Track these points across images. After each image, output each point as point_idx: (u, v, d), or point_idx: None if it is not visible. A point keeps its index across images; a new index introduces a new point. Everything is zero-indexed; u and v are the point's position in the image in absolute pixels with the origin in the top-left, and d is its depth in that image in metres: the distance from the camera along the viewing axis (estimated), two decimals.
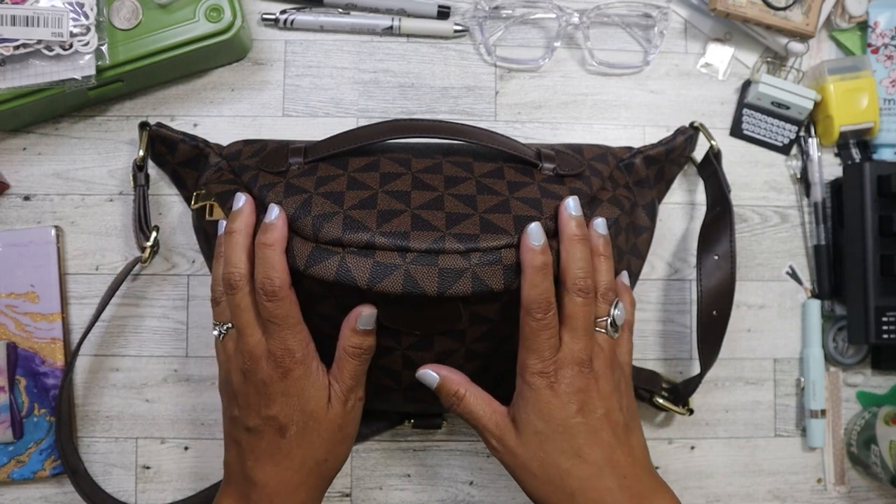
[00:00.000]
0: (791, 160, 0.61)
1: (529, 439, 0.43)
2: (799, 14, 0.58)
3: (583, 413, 0.42)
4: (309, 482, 0.44)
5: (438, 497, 0.57)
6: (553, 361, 0.42)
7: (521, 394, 0.43)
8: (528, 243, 0.42)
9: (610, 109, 0.60)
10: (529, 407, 0.42)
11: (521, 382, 0.43)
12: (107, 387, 0.56)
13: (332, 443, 0.44)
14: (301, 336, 0.43)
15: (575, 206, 0.44)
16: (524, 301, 0.42)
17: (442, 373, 0.45)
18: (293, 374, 0.43)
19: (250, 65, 0.58)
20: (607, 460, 0.42)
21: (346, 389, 0.44)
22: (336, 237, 0.42)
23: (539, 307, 0.42)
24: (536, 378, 0.42)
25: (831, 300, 0.60)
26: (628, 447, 0.44)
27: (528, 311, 0.42)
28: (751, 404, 0.60)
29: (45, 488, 0.55)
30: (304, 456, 0.44)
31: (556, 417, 0.42)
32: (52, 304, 0.55)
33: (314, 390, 0.43)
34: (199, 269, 0.57)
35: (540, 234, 0.42)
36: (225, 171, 0.51)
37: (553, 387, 0.42)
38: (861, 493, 0.60)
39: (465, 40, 0.59)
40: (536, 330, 0.42)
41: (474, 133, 0.49)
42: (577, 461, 0.42)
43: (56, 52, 0.49)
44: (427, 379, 0.45)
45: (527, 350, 0.43)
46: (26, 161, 0.56)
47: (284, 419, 0.43)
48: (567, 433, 0.42)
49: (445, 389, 0.45)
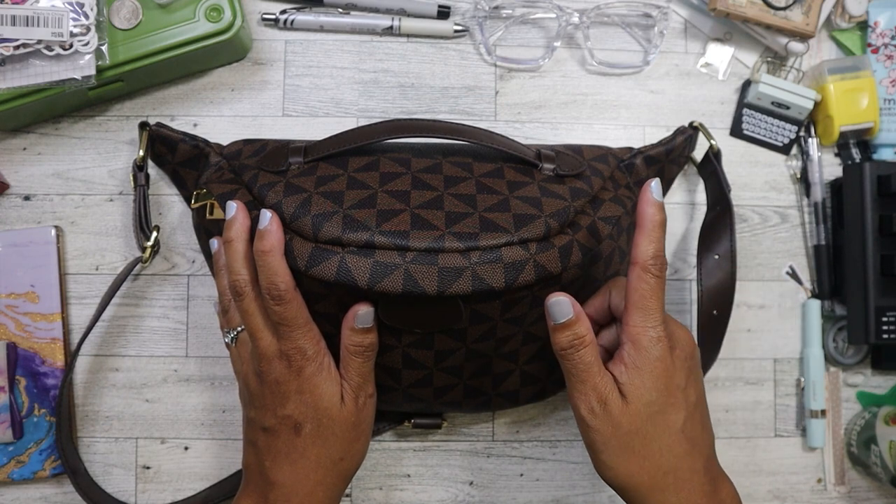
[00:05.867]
0: (791, 160, 0.61)
1: (639, 409, 0.40)
2: (799, 14, 0.58)
3: (689, 386, 0.41)
4: (326, 482, 0.44)
5: (438, 497, 0.57)
6: (668, 325, 0.41)
7: (635, 362, 0.40)
8: (652, 197, 0.41)
9: (610, 109, 0.60)
10: (646, 375, 0.40)
11: (635, 348, 0.40)
12: (107, 387, 0.56)
13: (346, 441, 0.44)
14: (311, 334, 0.44)
15: (657, 190, 0.42)
16: (642, 257, 0.40)
17: (577, 308, 0.41)
18: (306, 372, 0.43)
19: (250, 65, 0.58)
20: (697, 439, 0.41)
21: (355, 387, 0.44)
22: (336, 236, 0.42)
23: (658, 263, 0.40)
24: (656, 344, 0.40)
25: (831, 300, 0.60)
26: (709, 428, 0.43)
27: (646, 268, 0.40)
28: (751, 404, 0.60)
29: (45, 488, 0.55)
30: (319, 454, 0.44)
31: (671, 387, 0.40)
32: (52, 304, 0.55)
33: (326, 386, 0.44)
34: (199, 269, 0.57)
35: (661, 190, 0.42)
36: (225, 171, 0.51)
37: (671, 354, 0.40)
38: (861, 493, 0.60)
39: (465, 40, 0.59)
40: (655, 288, 0.40)
41: (474, 133, 0.49)
42: (679, 436, 0.40)
43: (56, 52, 0.49)
44: (559, 308, 0.41)
45: (640, 310, 0.40)
46: (26, 161, 0.56)
47: (300, 416, 0.43)
48: (676, 406, 0.40)
49: (575, 328, 0.41)
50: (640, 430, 0.40)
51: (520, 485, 0.58)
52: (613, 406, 0.40)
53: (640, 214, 0.41)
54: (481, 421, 0.58)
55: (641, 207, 0.41)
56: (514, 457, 0.58)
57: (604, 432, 0.40)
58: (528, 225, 0.43)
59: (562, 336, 0.41)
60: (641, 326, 0.40)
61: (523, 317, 0.46)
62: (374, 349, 0.45)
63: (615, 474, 0.41)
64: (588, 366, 0.40)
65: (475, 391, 0.50)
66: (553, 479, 0.58)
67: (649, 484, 0.40)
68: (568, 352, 0.41)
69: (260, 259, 0.43)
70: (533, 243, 0.43)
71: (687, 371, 0.41)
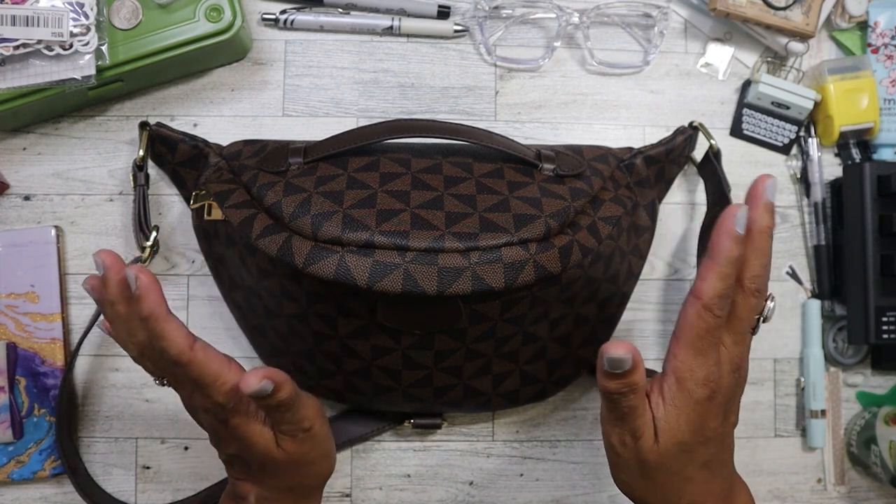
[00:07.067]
0: (791, 160, 0.61)
1: (669, 448, 0.38)
2: (799, 14, 0.58)
3: (724, 423, 0.39)
4: (289, 497, 0.44)
5: (438, 497, 0.57)
6: (717, 368, 0.38)
7: (674, 400, 0.38)
8: (732, 229, 0.36)
9: (610, 109, 0.60)
10: (682, 416, 0.38)
11: (678, 387, 0.38)
12: (107, 387, 0.56)
13: (297, 471, 0.43)
14: (227, 387, 0.39)
15: (772, 190, 0.38)
16: (706, 294, 0.37)
17: (637, 358, 0.37)
18: (231, 423, 0.41)
19: (250, 65, 0.58)
20: (721, 465, 0.40)
21: (286, 431, 0.41)
22: (335, 236, 0.42)
23: (721, 303, 0.37)
24: (700, 388, 0.38)
25: (831, 300, 0.60)
26: (732, 446, 0.42)
27: (707, 307, 0.37)
28: (751, 404, 0.60)
29: (45, 488, 0.55)
30: (274, 483, 0.43)
31: (704, 429, 0.39)
32: (52, 304, 0.55)
33: (257, 434, 0.41)
34: (199, 269, 0.57)
35: (745, 221, 0.37)
36: (224, 171, 0.51)
37: (713, 398, 0.38)
38: (861, 493, 0.60)
39: (465, 40, 0.59)
40: (712, 329, 0.37)
41: (474, 133, 0.49)
42: (702, 471, 0.39)
43: (56, 52, 0.49)
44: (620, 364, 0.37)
45: (692, 350, 0.38)
46: (26, 161, 0.56)
47: (244, 456, 0.42)
48: (706, 444, 0.39)
49: (630, 378, 0.37)
50: (664, 465, 0.39)
51: (520, 485, 0.58)
52: (645, 443, 0.39)
53: (716, 245, 0.37)
54: (481, 421, 0.58)
55: (718, 238, 0.37)
56: (514, 457, 0.58)
57: (629, 460, 0.40)
58: (528, 225, 0.43)
59: (613, 383, 0.37)
60: (689, 366, 0.38)
61: (523, 317, 0.46)
62: (290, 401, 0.39)
63: (630, 490, 0.41)
64: (632, 409, 0.38)
65: (475, 391, 0.50)
66: (553, 479, 0.58)
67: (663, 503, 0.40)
68: (616, 396, 0.38)
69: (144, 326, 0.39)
70: (533, 243, 0.43)
71: (724, 414, 0.39)
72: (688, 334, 0.38)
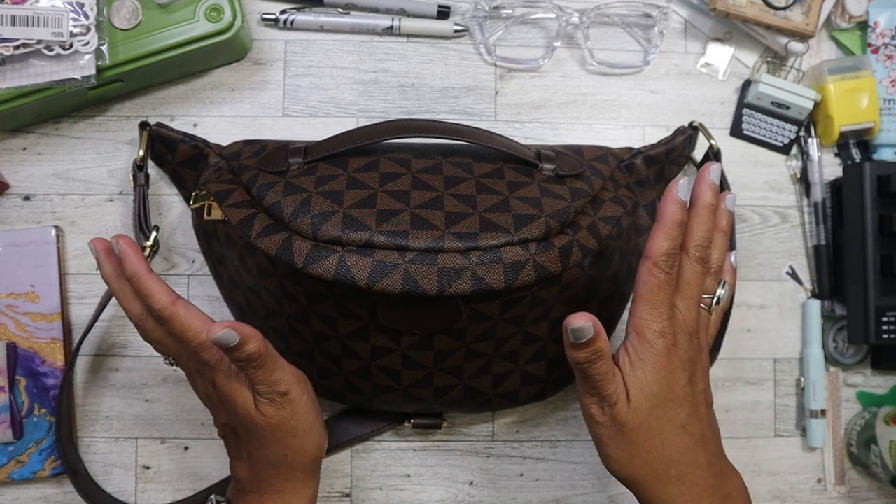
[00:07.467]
0: (791, 160, 0.61)
1: (641, 404, 0.41)
2: (799, 14, 0.58)
3: (691, 384, 0.42)
4: (278, 476, 0.45)
5: (438, 497, 0.57)
6: (671, 323, 0.41)
7: (637, 353, 0.41)
8: (676, 195, 0.42)
9: (610, 109, 0.60)
10: (648, 367, 0.41)
11: (639, 340, 0.41)
12: (107, 387, 0.56)
13: (279, 440, 0.44)
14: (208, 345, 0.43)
15: (716, 174, 0.43)
16: (654, 252, 0.41)
17: (597, 327, 0.40)
18: (217, 382, 0.44)
19: (250, 65, 0.58)
20: (702, 436, 0.42)
21: (263, 392, 0.42)
22: (335, 236, 0.42)
23: (669, 260, 0.41)
24: (659, 338, 0.41)
25: (831, 300, 0.60)
26: (715, 426, 0.44)
27: (656, 264, 0.41)
28: (751, 404, 0.60)
29: (45, 488, 0.55)
30: (260, 455, 0.44)
31: (672, 383, 0.41)
32: (52, 304, 0.55)
33: (238, 394, 0.43)
34: (199, 269, 0.57)
35: (687, 190, 0.42)
36: (224, 171, 0.51)
37: (673, 350, 0.41)
38: (861, 493, 0.60)
39: (465, 40, 0.59)
40: (663, 284, 0.41)
41: (474, 133, 0.49)
42: (680, 432, 0.41)
43: (56, 52, 0.49)
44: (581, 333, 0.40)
45: (647, 304, 0.41)
46: (26, 161, 0.56)
47: (232, 423, 0.45)
48: (677, 402, 0.41)
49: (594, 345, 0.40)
50: (643, 425, 0.41)
51: (520, 485, 0.58)
52: (620, 407, 0.41)
53: (662, 210, 0.42)
54: (481, 421, 0.58)
55: (664, 203, 0.42)
56: (514, 457, 0.58)
57: (610, 428, 0.42)
58: (528, 225, 0.43)
59: (580, 353, 0.41)
60: (646, 320, 0.41)
61: (523, 317, 0.46)
62: (259, 357, 0.41)
63: (620, 467, 0.42)
64: (602, 375, 0.41)
65: (475, 391, 0.50)
66: (553, 479, 0.58)
67: (653, 475, 0.41)
68: (584, 365, 0.41)
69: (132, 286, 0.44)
70: (533, 243, 0.43)
71: (689, 373, 0.42)
72: (641, 290, 0.42)
